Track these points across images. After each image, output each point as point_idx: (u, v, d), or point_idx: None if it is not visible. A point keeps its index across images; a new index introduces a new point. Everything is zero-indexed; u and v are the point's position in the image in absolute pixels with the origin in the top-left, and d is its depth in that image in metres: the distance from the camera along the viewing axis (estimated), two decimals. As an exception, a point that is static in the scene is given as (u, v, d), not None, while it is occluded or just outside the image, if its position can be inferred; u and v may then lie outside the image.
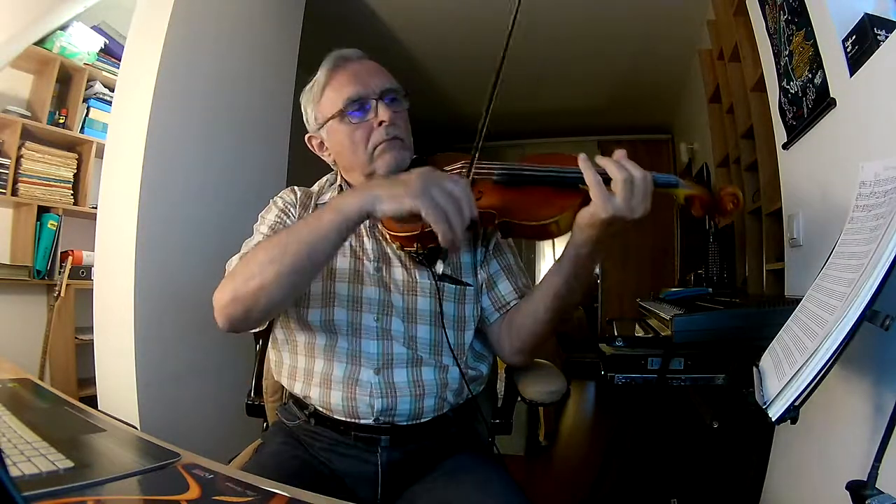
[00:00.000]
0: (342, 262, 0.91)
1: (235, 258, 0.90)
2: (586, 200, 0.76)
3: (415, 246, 0.84)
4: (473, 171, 0.87)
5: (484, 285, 0.96)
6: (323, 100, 0.94)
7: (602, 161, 0.74)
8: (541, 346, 0.93)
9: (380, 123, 0.90)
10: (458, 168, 0.91)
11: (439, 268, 0.79)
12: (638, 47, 3.31)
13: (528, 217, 0.80)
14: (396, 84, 0.94)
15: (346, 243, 0.92)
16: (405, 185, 0.69)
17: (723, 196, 0.81)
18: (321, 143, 0.98)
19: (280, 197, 1.00)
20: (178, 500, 0.48)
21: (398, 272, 0.91)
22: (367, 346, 0.86)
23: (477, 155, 0.81)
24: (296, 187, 1.02)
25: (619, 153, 0.75)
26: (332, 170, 1.04)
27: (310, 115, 0.97)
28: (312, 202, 0.98)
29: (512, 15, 0.78)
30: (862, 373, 0.80)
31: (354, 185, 0.97)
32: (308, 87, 0.97)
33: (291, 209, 0.97)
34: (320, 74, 0.94)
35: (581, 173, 0.76)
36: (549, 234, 0.82)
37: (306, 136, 1.00)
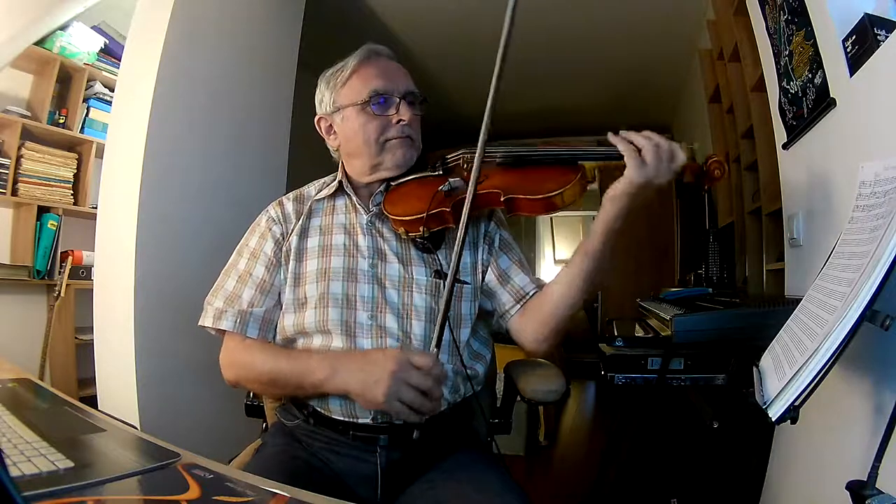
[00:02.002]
0: (336, 261, 0.91)
1: (210, 310, 0.93)
2: (584, 175, 0.86)
3: (420, 230, 0.88)
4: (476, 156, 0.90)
5: (497, 280, 0.97)
6: (347, 86, 0.95)
7: (628, 135, 0.82)
8: (566, 330, 0.95)
9: (398, 121, 0.93)
10: (458, 155, 0.94)
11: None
12: (638, 47, 3.30)
13: (532, 192, 0.86)
14: (418, 90, 0.97)
15: (340, 242, 0.93)
16: (376, 388, 0.75)
17: (710, 164, 0.88)
18: (330, 127, 0.99)
19: (266, 212, 0.99)
20: (178, 500, 0.48)
21: (394, 268, 0.91)
22: (362, 344, 0.87)
23: (478, 166, 0.81)
24: (284, 198, 1.01)
25: (645, 132, 0.82)
26: (334, 168, 1.04)
27: (326, 98, 0.98)
28: (306, 207, 0.97)
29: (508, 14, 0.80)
30: (862, 373, 0.79)
31: (356, 177, 0.98)
32: (332, 70, 0.98)
33: (275, 227, 0.96)
34: (351, 61, 0.96)
35: (578, 151, 0.88)
36: (554, 207, 0.87)
37: (316, 118, 1.01)
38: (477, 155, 0.79)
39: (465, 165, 0.93)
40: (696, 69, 3.10)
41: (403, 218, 0.89)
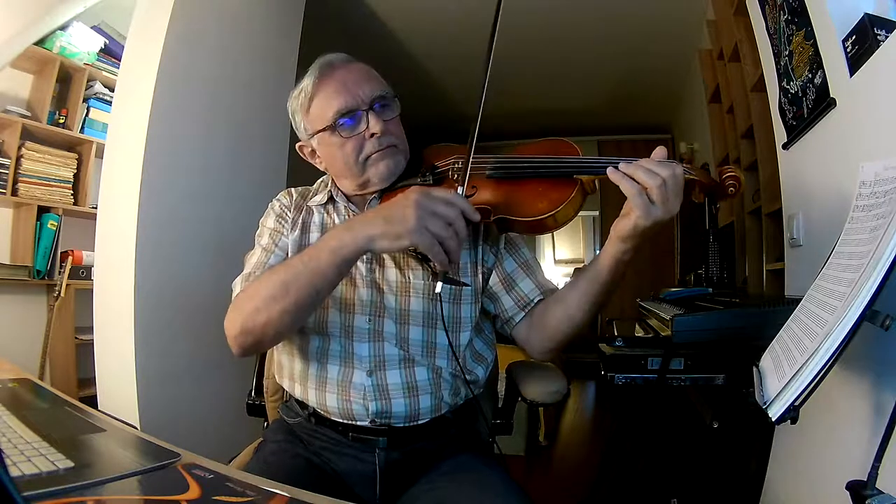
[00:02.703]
0: None
1: (238, 281, 0.90)
2: (581, 190, 0.79)
3: None
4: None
5: (501, 284, 0.94)
6: (312, 110, 0.90)
7: (630, 170, 0.73)
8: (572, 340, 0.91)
9: (372, 135, 0.88)
10: (451, 162, 0.91)
11: (438, 287, 0.76)
12: (638, 47, 3.30)
13: (524, 212, 0.80)
14: (386, 89, 0.91)
15: None
16: (402, 221, 0.69)
17: (724, 179, 0.77)
18: (312, 152, 0.96)
19: (277, 200, 1.00)
20: (178, 500, 0.48)
21: (391, 273, 0.90)
22: (359, 349, 0.86)
23: (470, 160, 0.79)
24: (292, 189, 1.02)
25: (659, 152, 0.74)
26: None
27: (299, 124, 0.94)
28: (305, 203, 0.97)
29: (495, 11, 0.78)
30: (862, 373, 0.80)
31: (346, 191, 0.96)
32: (295, 93, 0.93)
33: (287, 212, 0.96)
34: (307, 83, 0.90)
35: (575, 163, 0.80)
36: (547, 229, 0.82)
37: (297, 145, 0.98)
38: (464, 180, 0.76)
39: (455, 176, 0.88)
40: (696, 69, 3.10)
41: None
